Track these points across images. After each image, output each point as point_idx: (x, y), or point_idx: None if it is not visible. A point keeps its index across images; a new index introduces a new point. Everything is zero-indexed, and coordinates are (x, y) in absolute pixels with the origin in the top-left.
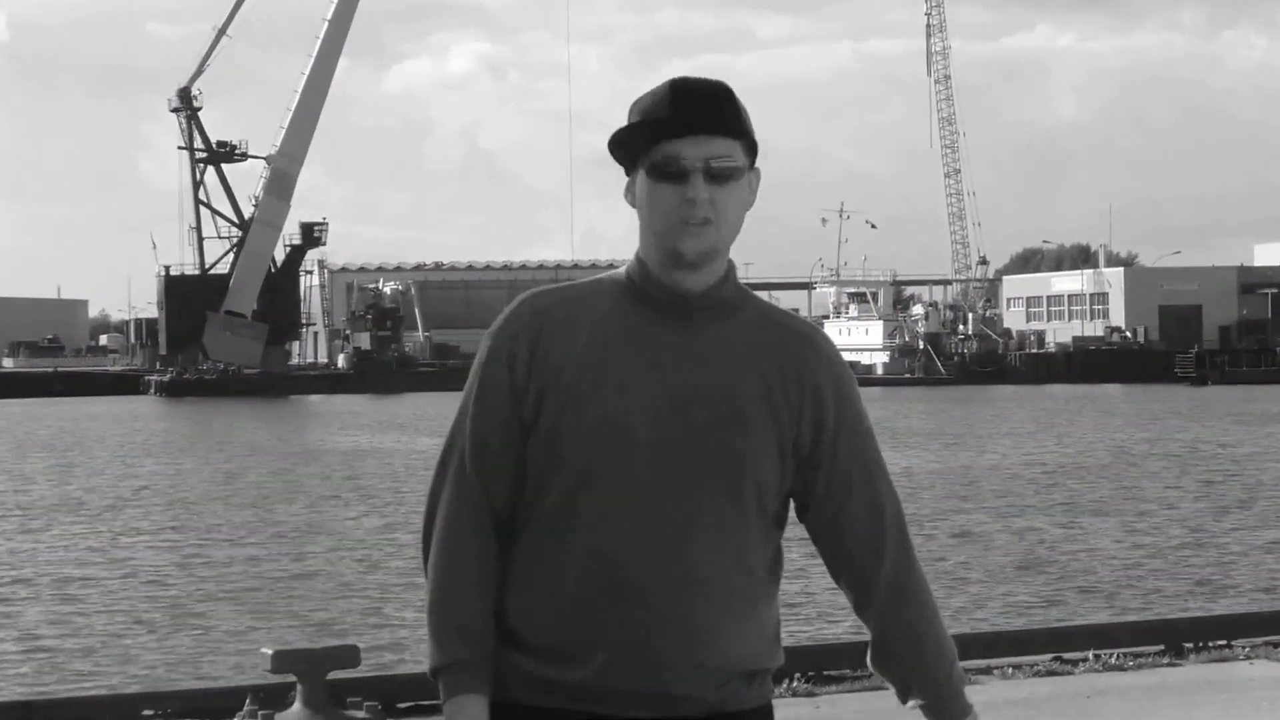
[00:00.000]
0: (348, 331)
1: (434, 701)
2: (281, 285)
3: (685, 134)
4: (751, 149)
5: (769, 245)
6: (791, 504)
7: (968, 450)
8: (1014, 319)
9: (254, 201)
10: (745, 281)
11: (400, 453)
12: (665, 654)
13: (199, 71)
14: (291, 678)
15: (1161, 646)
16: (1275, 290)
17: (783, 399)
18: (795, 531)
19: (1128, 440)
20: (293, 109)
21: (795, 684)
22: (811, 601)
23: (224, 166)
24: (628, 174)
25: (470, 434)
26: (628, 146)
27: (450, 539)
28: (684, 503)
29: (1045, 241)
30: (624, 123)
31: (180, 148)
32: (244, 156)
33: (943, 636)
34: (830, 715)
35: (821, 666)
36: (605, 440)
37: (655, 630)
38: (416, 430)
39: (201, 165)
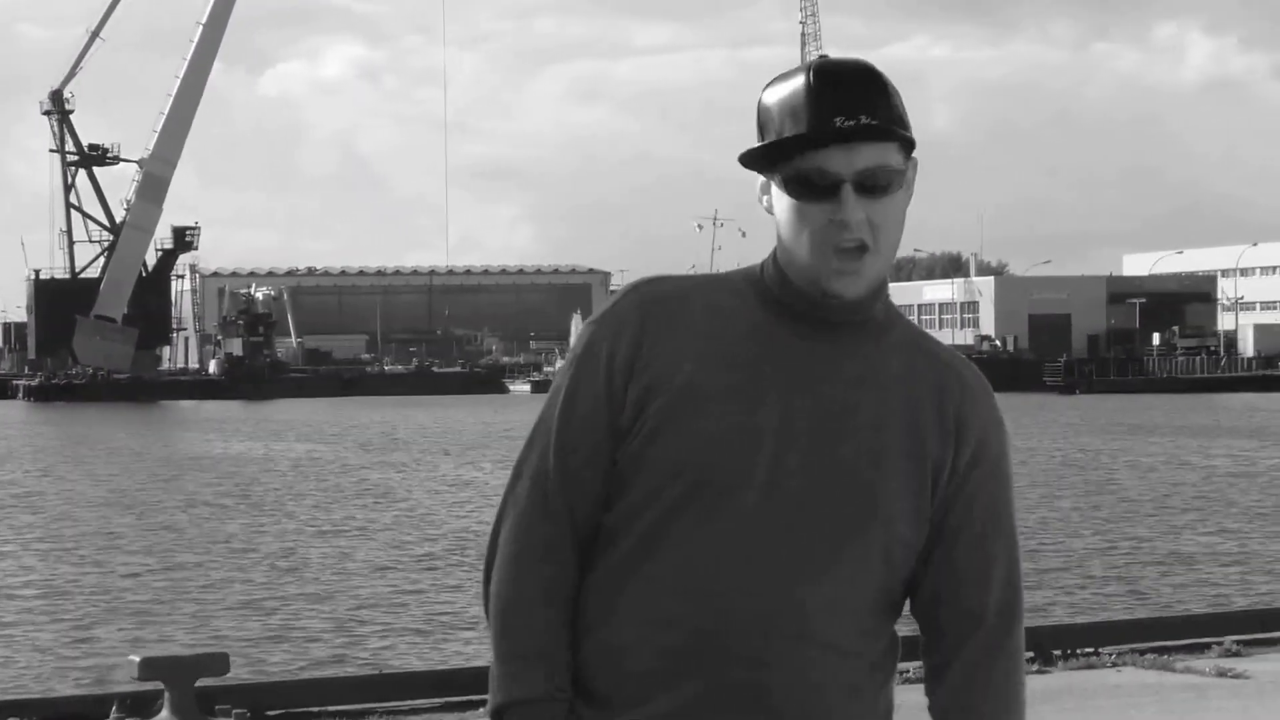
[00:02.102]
0: (219, 337)
1: (305, 709)
2: (153, 290)
3: (833, 142)
4: (908, 143)
5: (642, 251)
6: None
7: None
8: None
9: (126, 205)
10: (616, 288)
11: (273, 459)
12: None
13: (71, 74)
14: (159, 685)
15: (1030, 654)
16: (1143, 300)
17: (931, 443)
18: None
19: None
20: (166, 112)
21: None
22: None
23: (96, 170)
24: (760, 171)
25: (555, 440)
26: (764, 155)
27: (523, 555)
28: (804, 547)
29: (917, 250)
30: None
31: (51, 150)
32: (116, 160)
33: None
34: None
35: None
36: (719, 459)
37: (748, 690)
38: (292, 436)
39: (73, 168)
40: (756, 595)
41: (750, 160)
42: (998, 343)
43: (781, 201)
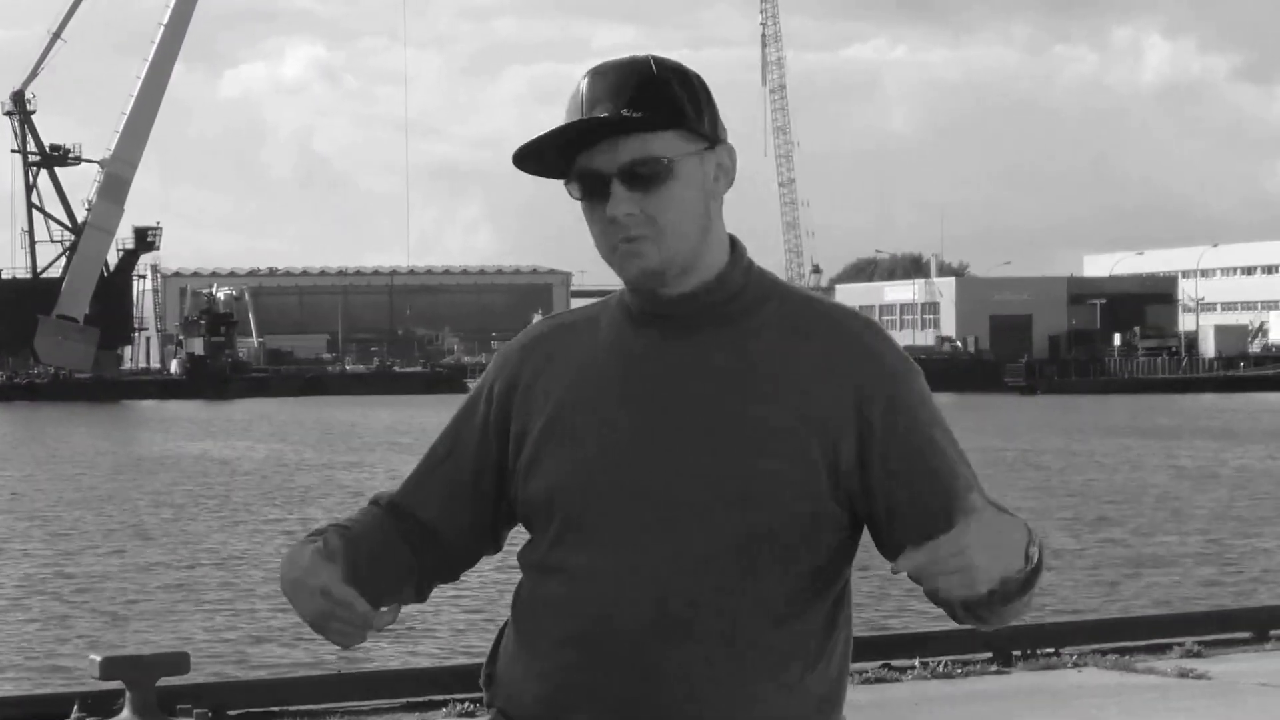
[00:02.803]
0: (181, 337)
1: (266, 709)
2: (114, 290)
3: (599, 140)
4: (697, 124)
5: None
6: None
7: None
8: None
9: (87, 205)
10: (578, 290)
11: (236, 458)
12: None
13: (33, 75)
14: (120, 684)
15: (990, 654)
16: (1104, 301)
17: (824, 408)
18: None
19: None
20: (127, 113)
21: None
22: None
23: (57, 170)
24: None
25: (425, 458)
26: (543, 157)
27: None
28: (687, 550)
29: (878, 251)
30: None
31: (13, 151)
32: (78, 160)
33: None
34: None
35: None
36: (587, 485)
37: (644, 701)
38: (255, 435)
39: (34, 169)
40: (640, 605)
41: (543, 170)
42: (959, 344)
43: (579, 206)
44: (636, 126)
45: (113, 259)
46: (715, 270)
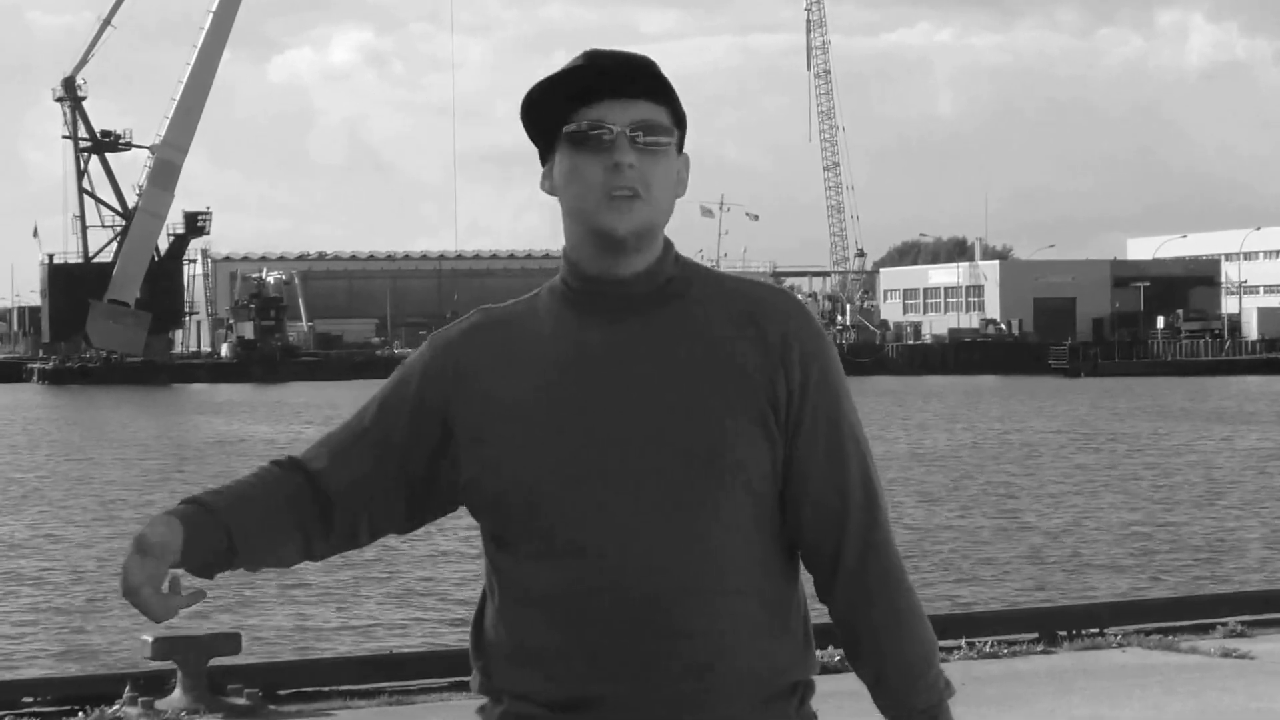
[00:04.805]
0: (231, 321)
1: (316, 688)
2: (165, 274)
3: (607, 97)
4: (679, 122)
5: None
6: None
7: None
8: (891, 310)
9: (138, 191)
10: None
11: (291, 440)
12: (674, 686)
13: (83, 61)
14: (172, 664)
15: (1035, 634)
16: (1147, 284)
17: (759, 375)
18: None
19: (1005, 429)
20: (177, 99)
21: None
22: None
23: (108, 156)
24: (542, 161)
25: (351, 423)
26: (542, 118)
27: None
28: (664, 519)
29: (922, 235)
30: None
31: (64, 137)
32: (128, 146)
33: (911, 642)
34: None
35: None
36: (561, 476)
37: (659, 668)
38: (304, 419)
39: (86, 154)
40: (642, 579)
41: (533, 126)
42: (1003, 326)
43: (562, 164)
44: (653, 94)
45: (163, 244)
46: (657, 255)
